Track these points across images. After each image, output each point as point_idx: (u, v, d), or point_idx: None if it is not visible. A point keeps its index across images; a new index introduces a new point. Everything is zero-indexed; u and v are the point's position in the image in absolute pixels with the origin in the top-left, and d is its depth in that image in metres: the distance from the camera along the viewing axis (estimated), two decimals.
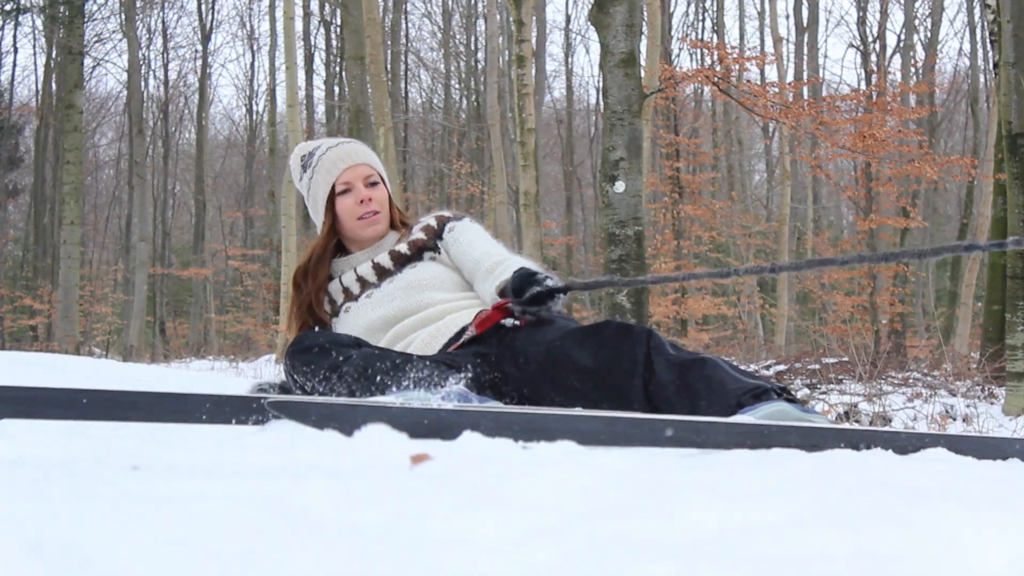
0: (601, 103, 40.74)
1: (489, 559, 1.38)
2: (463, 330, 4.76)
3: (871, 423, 10.19)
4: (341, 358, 4.19)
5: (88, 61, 37.33)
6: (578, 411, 3.71)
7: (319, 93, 42.24)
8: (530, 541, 1.47)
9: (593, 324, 4.57)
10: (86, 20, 33.75)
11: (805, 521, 1.53)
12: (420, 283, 5.06)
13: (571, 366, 4.26)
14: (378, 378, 4.07)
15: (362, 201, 5.38)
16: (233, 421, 3.51)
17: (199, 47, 44.12)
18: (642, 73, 14.03)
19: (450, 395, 3.89)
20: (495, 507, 1.67)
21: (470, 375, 4.29)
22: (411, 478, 2.00)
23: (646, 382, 4.17)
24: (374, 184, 5.45)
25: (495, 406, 3.76)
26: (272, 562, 1.34)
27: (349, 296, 5.19)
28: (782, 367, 15.33)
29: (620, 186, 11.74)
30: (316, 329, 4.96)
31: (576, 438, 2.93)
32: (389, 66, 35.29)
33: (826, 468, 2.15)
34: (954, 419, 10.67)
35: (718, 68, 19.60)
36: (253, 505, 1.63)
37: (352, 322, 5.05)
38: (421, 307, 4.98)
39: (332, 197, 5.44)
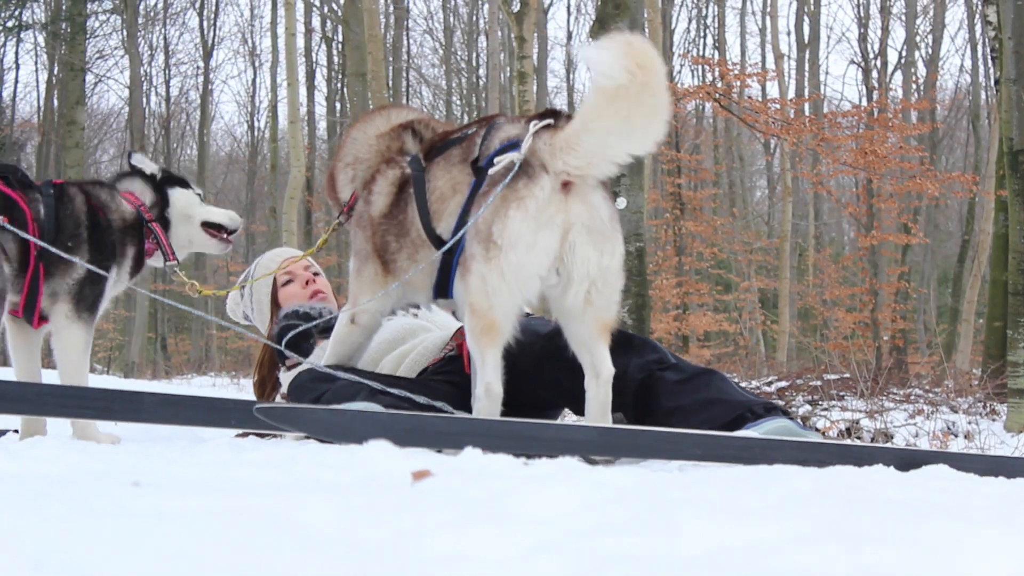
0: None
1: (490, 575, 1.37)
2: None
3: (873, 439, 10.17)
4: (315, 395, 4.26)
5: (90, 77, 37.30)
6: (576, 423, 3.72)
7: (320, 109, 42.25)
8: (531, 557, 1.46)
9: None
10: (88, 37, 33.77)
11: (806, 537, 1.52)
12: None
13: (566, 364, 4.24)
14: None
15: (308, 282, 5.51)
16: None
17: (201, 63, 44.12)
18: None
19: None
20: (496, 523, 1.67)
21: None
22: (412, 494, 1.99)
23: (642, 387, 4.18)
24: (316, 274, 5.60)
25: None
26: None
27: None
28: (784, 383, 15.29)
29: (621, 202, 11.70)
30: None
31: (576, 450, 2.94)
32: (391, 82, 35.30)
33: (827, 484, 2.15)
34: (956, 436, 10.64)
35: (720, 85, 19.62)
36: (254, 521, 1.62)
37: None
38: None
39: (275, 293, 5.58)
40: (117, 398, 3.86)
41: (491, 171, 3.79)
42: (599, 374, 3.94)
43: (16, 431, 4.45)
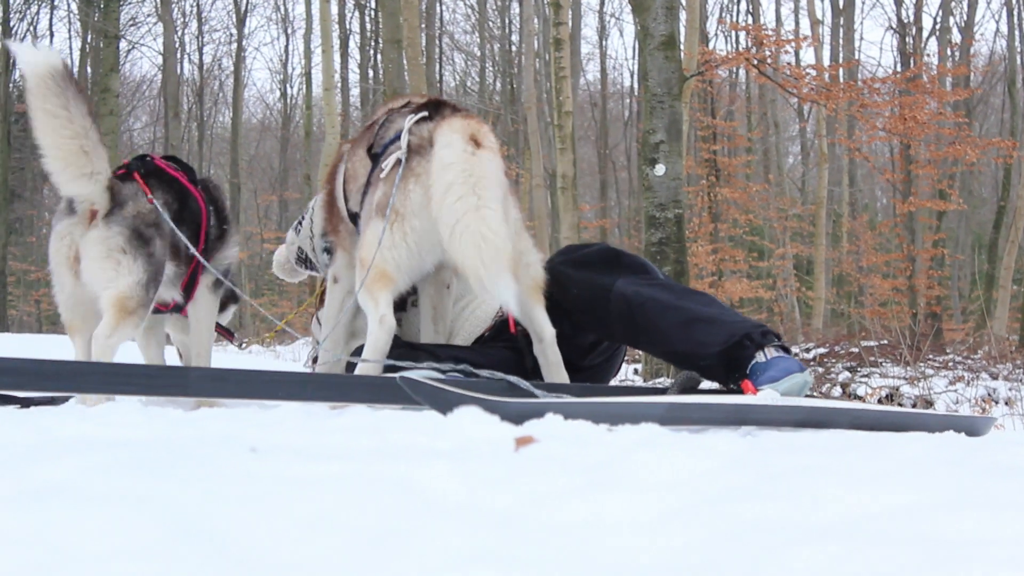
0: (636, 86, 40.55)
1: (630, 542, 1.37)
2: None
3: (914, 406, 10.16)
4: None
5: (123, 44, 37.35)
6: (648, 398, 3.74)
7: (354, 76, 42.13)
8: (671, 523, 1.46)
9: (583, 244, 4.67)
10: (121, 4, 33.77)
11: (953, 503, 1.50)
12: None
13: (562, 281, 4.36)
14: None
15: None
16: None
17: (234, 31, 44.19)
18: (681, 56, 13.96)
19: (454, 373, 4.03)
20: (620, 489, 1.67)
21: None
22: (523, 460, 1.99)
23: (631, 306, 4.21)
24: None
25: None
26: (419, 543, 1.34)
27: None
28: (823, 350, 15.27)
29: (660, 169, 11.70)
30: None
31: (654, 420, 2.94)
32: (424, 49, 35.21)
33: (940, 451, 2.14)
34: (996, 402, 10.64)
35: (755, 51, 19.49)
36: (381, 486, 1.63)
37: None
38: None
39: None
40: (161, 374, 3.90)
41: (383, 164, 4.12)
42: (542, 337, 4.24)
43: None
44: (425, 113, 4.18)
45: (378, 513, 1.47)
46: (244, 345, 5.75)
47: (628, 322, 4.24)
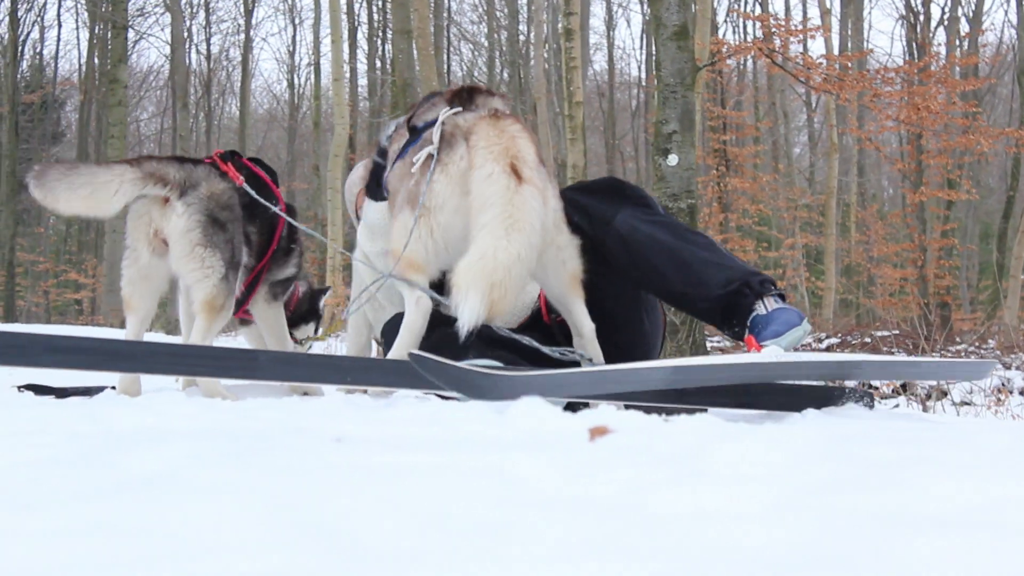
0: (643, 76, 40.47)
1: (746, 534, 1.34)
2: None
3: (928, 396, 10.15)
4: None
5: (131, 35, 37.28)
6: (652, 363, 3.76)
7: (362, 67, 42.12)
8: (777, 515, 1.42)
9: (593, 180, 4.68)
10: None
11: None
12: None
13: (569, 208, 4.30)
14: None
15: None
16: None
17: (241, 21, 44.16)
18: (693, 46, 13.92)
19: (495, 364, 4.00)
20: (711, 481, 1.64)
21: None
22: (603, 451, 1.98)
23: (628, 241, 4.24)
24: None
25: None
26: (531, 534, 1.32)
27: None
28: (835, 340, 15.26)
29: (673, 159, 11.66)
30: None
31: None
32: (432, 39, 35.09)
33: None
34: (1011, 392, 10.63)
35: (764, 41, 19.46)
36: (478, 477, 1.62)
37: None
38: None
39: None
40: (231, 356, 3.91)
41: (415, 158, 4.09)
42: (581, 332, 4.18)
43: (113, 387, 4.50)
44: (459, 108, 4.17)
45: (485, 504, 1.46)
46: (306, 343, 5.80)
47: (624, 257, 4.28)
